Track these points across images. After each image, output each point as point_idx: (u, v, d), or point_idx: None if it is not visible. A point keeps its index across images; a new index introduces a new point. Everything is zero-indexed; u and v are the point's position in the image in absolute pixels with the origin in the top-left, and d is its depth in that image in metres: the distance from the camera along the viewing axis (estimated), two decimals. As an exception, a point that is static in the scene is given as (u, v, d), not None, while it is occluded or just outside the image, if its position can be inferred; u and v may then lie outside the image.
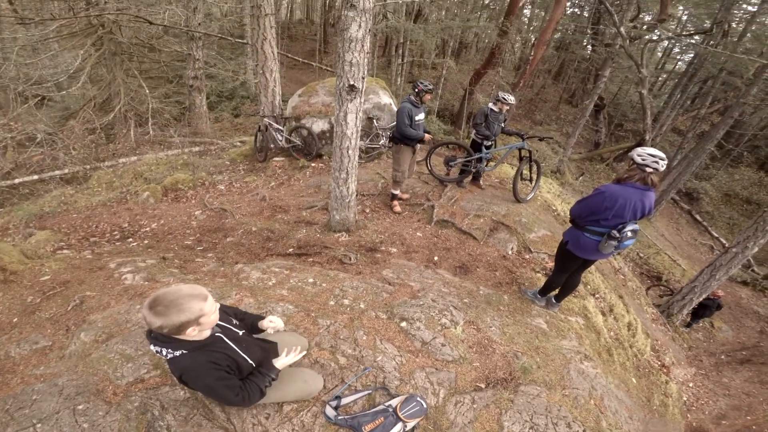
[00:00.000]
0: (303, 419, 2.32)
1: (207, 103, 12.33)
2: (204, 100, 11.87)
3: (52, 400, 2.24)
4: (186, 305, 1.58)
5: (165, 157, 8.79)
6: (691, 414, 5.98)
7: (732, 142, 17.48)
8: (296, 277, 3.73)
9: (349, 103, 3.91)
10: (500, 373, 2.96)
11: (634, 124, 22.09)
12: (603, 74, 13.08)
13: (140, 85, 10.24)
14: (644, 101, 11.42)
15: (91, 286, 3.49)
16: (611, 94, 23.53)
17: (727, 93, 15.88)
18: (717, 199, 20.02)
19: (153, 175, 7.62)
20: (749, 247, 6.62)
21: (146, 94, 9.99)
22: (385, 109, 7.65)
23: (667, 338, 7.19)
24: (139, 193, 6.64)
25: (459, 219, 5.34)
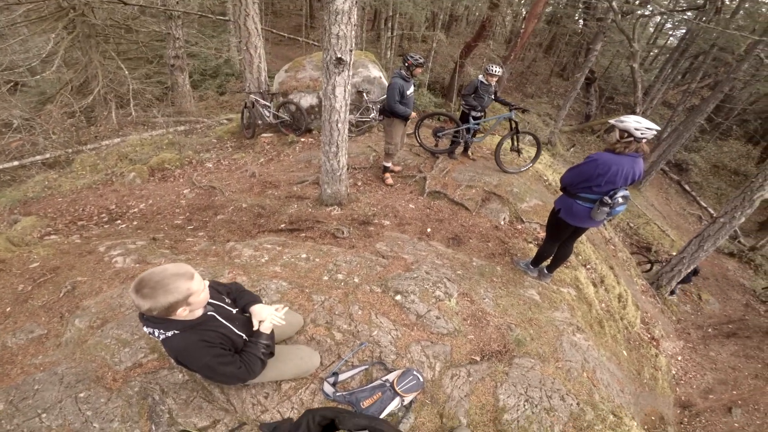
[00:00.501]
0: (302, 397, 2.33)
1: (190, 81, 12.02)
2: (187, 79, 11.54)
3: (54, 389, 2.23)
4: (172, 285, 1.54)
5: (149, 138, 8.59)
6: (679, 388, 6.19)
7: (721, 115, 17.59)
8: (289, 253, 3.70)
9: (337, 77, 3.84)
10: (495, 345, 2.99)
11: (625, 98, 22.06)
12: (594, 48, 12.92)
13: (119, 66, 9.89)
14: (635, 75, 11.46)
15: (81, 271, 3.43)
16: (602, 67, 23.45)
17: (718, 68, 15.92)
18: (706, 170, 20.35)
19: (138, 155, 7.44)
20: (736, 217, 6.73)
21: (126, 75, 9.67)
22: (375, 83, 7.57)
23: (656, 310, 7.33)
24: (125, 174, 6.49)
25: (451, 190, 5.32)
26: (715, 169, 20.68)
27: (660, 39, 26.14)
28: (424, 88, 13.04)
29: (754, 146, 22.61)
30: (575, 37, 22.12)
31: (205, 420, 2.17)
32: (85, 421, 2.09)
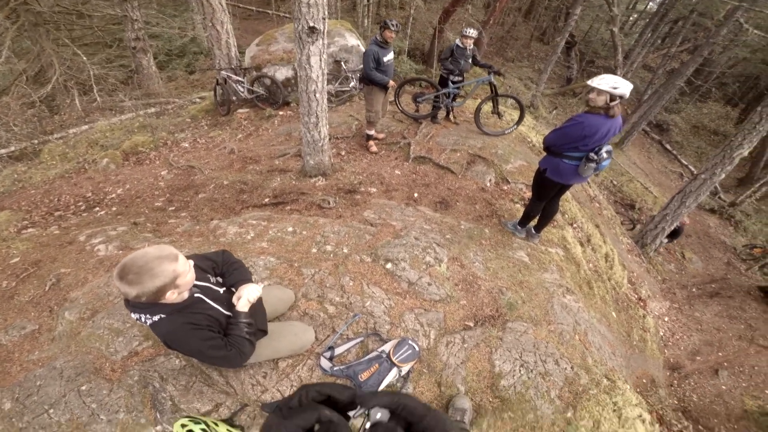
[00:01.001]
0: (300, 374, 2.32)
1: (156, 63, 11.54)
2: (152, 60, 11.05)
3: (56, 384, 2.21)
4: (158, 269, 1.48)
5: (119, 122, 8.32)
6: (668, 349, 6.34)
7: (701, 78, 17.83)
8: (275, 228, 3.63)
9: (311, 46, 3.72)
10: (487, 310, 3.00)
11: (606, 61, 22.04)
12: (574, 12, 12.72)
13: (75, 53, 9.36)
14: (615, 39, 11.47)
15: (64, 263, 3.34)
16: (582, 32, 23.32)
17: (697, 33, 15.94)
18: (686, 131, 20.80)
19: (109, 141, 7.22)
20: (717, 173, 6.86)
21: (84, 61, 9.16)
22: (353, 51, 7.42)
23: (642, 270, 7.49)
24: (98, 160, 6.26)
25: (436, 154, 5.28)
26: (695, 129, 21.14)
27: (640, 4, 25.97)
28: (404, 55, 12.74)
29: (732, 108, 23.21)
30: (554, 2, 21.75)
31: (207, 404, 2.16)
32: (91, 414, 2.09)
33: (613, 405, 2.65)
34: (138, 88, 10.99)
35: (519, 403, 2.42)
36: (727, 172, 6.86)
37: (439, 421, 0.53)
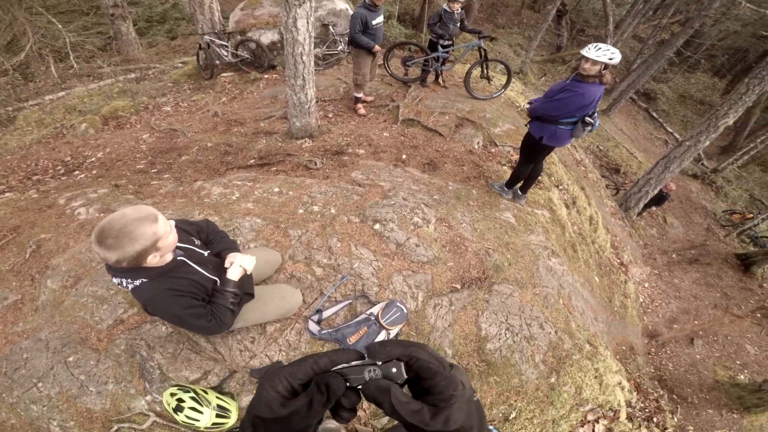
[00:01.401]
0: (288, 338, 2.31)
1: (135, 29, 11.06)
2: (131, 27, 10.59)
3: (42, 357, 2.17)
4: (137, 232, 1.39)
5: (97, 88, 8.06)
6: (647, 316, 6.51)
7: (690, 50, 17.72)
8: (261, 188, 3.57)
9: (298, 8, 3.67)
10: (474, 272, 3.00)
11: (596, 30, 21.71)
12: None
13: (50, 21, 8.86)
14: (607, 8, 11.36)
15: (44, 228, 3.25)
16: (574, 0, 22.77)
17: (690, 5, 15.70)
18: (673, 100, 20.86)
19: (87, 107, 7.02)
20: (701, 141, 6.98)
21: (60, 29, 8.70)
22: (341, 15, 7.29)
23: (625, 234, 7.61)
24: (76, 126, 6.07)
25: (425, 117, 5.23)
26: (681, 98, 21.23)
27: None
28: (394, 20, 12.38)
29: (720, 79, 23.28)
30: (548, -31, 21.16)
31: (196, 372, 2.15)
32: (80, 386, 2.08)
33: (594, 371, 2.71)
34: (117, 55, 10.55)
35: (504, 367, 2.46)
36: (712, 140, 6.97)
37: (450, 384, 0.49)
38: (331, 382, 0.48)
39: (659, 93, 20.29)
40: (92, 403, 2.05)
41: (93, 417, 2.03)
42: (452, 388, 0.49)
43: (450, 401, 0.48)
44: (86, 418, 2.03)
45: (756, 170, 16.57)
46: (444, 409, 0.48)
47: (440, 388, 0.49)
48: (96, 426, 2.01)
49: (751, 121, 16.19)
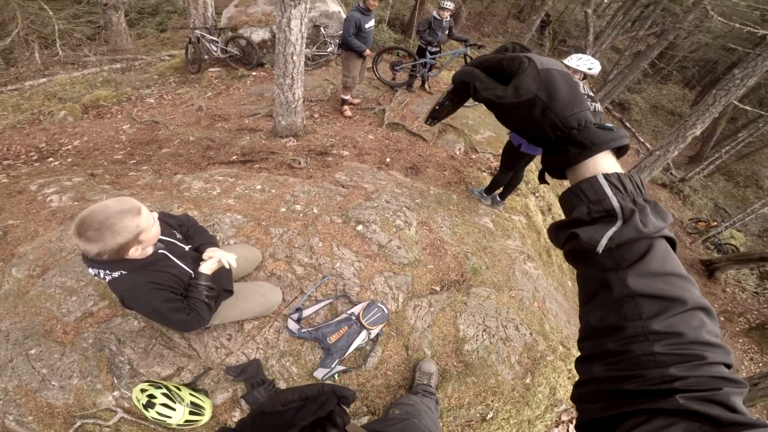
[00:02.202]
0: (266, 336, 2.28)
1: (126, 20, 10.92)
2: (122, 17, 10.48)
3: (1, 348, 2.08)
4: (119, 225, 1.35)
5: (81, 77, 7.90)
6: None
7: (664, 61, 18.51)
8: (243, 185, 3.53)
9: (293, 9, 3.71)
10: (453, 275, 3.03)
11: (577, 41, 22.36)
12: None
13: (41, 7, 8.67)
14: (588, 20, 11.72)
15: (12, 214, 3.14)
16: (558, 11, 23.53)
17: (666, 18, 16.30)
18: (645, 110, 21.66)
19: (68, 94, 6.86)
20: (670, 150, 7.21)
21: (50, 16, 8.51)
22: (334, 17, 7.36)
23: None
24: (55, 113, 5.92)
25: (409, 122, 5.30)
26: (654, 109, 22.08)
27: None
28: (384, 24, 12.51)
29: (690, 90, 24.26)
30: (535, -20, 21.78)
31: (169, 368, 2.09)
32: (42, 379, 2.00)
33: (567, 372, 2.74)
34: (105, 44, 10.38)
35: (482, 368, 2.48)
36: (680, 150, 7.22)
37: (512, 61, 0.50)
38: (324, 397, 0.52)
39: (633, 103, 21.09)
40: (54, 398, 1.97)
41: (54, 412, 1.96)
42: (515, 63, 0.50)
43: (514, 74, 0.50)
44: (46, 413, 1.95)
45: (720, 180, 17.28)
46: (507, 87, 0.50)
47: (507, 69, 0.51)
48: (57, 421, 1.94)
49: (717, 131, 16.88)
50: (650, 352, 0.44)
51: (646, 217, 0.47)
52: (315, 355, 2.26)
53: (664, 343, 0.44)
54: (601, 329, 0.49)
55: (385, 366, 2.32)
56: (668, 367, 0.43)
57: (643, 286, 0.46)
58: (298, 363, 2.22)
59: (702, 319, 0.45)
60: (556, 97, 0.49)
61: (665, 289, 0.46)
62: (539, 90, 0.48)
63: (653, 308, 0.45)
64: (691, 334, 0.44)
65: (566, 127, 0.50)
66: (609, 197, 0.48)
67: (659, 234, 0.48)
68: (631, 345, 0.46)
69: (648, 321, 0.45)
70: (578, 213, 0.50)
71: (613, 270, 0.48)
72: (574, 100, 0.50)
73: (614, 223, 0.47)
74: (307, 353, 2.26)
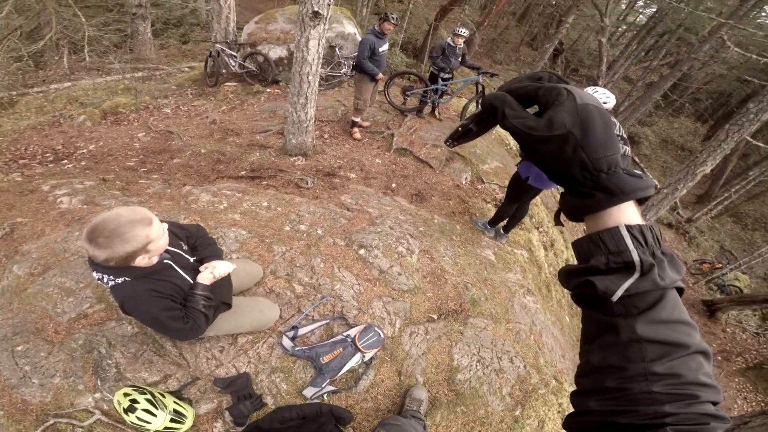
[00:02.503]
0: (259, 351, 2.28)
1: (152, 30, 11.29)
2: (149, 27, 10.88)
3: None
4: (130, 234, 1.40)
5: (104, 83, 8.14)
6: None
7: (677, 93, 18.36)
8: (249, 201, 3.59)
9: (312, 30, 3.77)
10: (451, 304, 3.03)
11: (589, 70, 22.50)
12: (566, 20, 12.94)
13: (75, 13, 9.04)
14: (602, 49, 11.63)
15: (22, 212, 3.20)
16: (571, 40, 23.67)
17: (680, 48, 16.28)
18: (655, 144, 21.37)
19: (90, 99, 7.08)
20: (679, 189, 7.11)
21: (82, 22, 8.86)
22: (349, 39, 7.49)
23: None
24: (75, 116, 6.09)
25: (417, 148, 5.35)
26: (664, 143, 21.78)
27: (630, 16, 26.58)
28: (397, 48, 12.77)
29: (702, 124, 23.94)
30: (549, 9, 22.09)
31: (156, 375, 2.10)
32: (23, 376, 1.99)
33: (558, 406, 2.72)
34: (129, 53, 10.74)
35: (472, 398, 2.46)
36: (689, 188, 7.11)
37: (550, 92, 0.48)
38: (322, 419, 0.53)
39: (643, 137, 20.81)
40: (31, 395, 1.96)
41: (27, 409, 1.94)
42: (553, 94, 0.48)
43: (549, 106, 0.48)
44: (19, 409, 1.93)
45: (728, 221, 16.87)
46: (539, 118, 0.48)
47: (542, 99, 0.49)
48: (29, 418, 1.92)
49: (728, 169, 16.53)
50: (648, 390, 0.46)
51: (664, 271, 0.48)
52: (306, 373, 2.26)
53: (662, 384, 0.46)
54: (601, 368, 0.51)
55: (375, 390, 2.32)
56: (663, 404, 0.45)
57: (651, 332, 0.47)
58: (288, 380, 2.22)
59: (700, 361, 0.48)
60: (591, 136, 0.47)
61: (671, 335, 0.47)
62: (574, 126, 0.47)
63: (657, 352, 0.47)
64: (690, 376, 0.46)
65: (596, 169, 0.48)
66: (630, 250, 0.48)
67: (673, 286, 0.49)
68: (630, 384, 0.47)
69: (650, 363, 0.47)
70: (596, 262, 0.50)
71: (622, 316, 0.49)
72: (608, 141, 0.48)
73: (632, 274, 0.48)
74: (298, 371, 2.26)
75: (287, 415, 1.98)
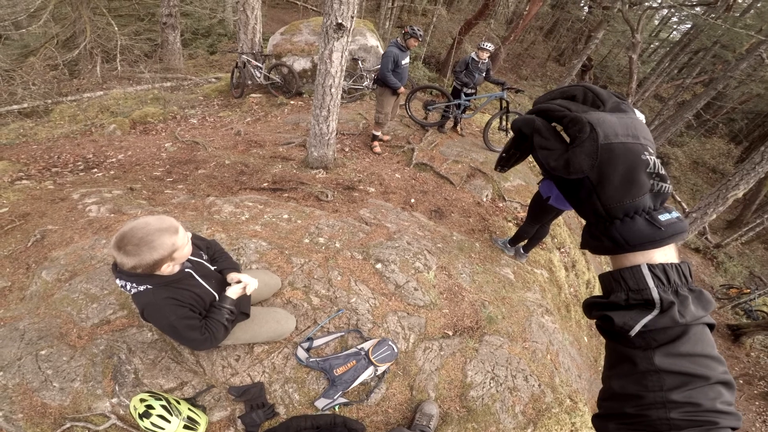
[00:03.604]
0: (274, 361, 2.30)
1: (181, 40, 11.65)
2: (178, 37, 11.20)
3: (14, 346, 2.15)
4: (157, 242, 1.44)
5: (134, 92, 8.39)
6: None
7: (710, 112, 17.71)
8: (270, 213, 3.63)
9: (336, 42, 3.80)
10: (467, 321, 3.00)
11: (619, 88, 22.06)
12: (596, 36, 12.74)
13: (108, 23, 9.48)
14: (632, 66, 11.35)
15: (53, 219, 3.32)
16: (600, 56, 23.33)
17: (716, 65, 15.82)
18: (685, 165, 20.64)
19: (120, 108, 7.29)
20: (708, 213, 6.83)
21: (115, 31, 9.27)
22: (372, 51, 7.53)
23: None
24: (105, 125, 6.31)
25: (438, 163, 5.32)
26: (694, 165, 21.02)
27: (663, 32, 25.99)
28: (419, 62, 12.81)
29: (736, 146, 22.98)
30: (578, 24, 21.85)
31: (172, 381, 2.13)
32: (44, 380, 2.03)
33: (571, 425, 2.67)
34: (159, 62, 11.11)
35: (484, 415, 2.43)
36: (719, 213, 6.82)
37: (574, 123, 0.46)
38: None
39: (672, 157, 20.21)
40: (51, 398, 2.00)
41: (46, 412, 1.98)
42: (575, 129, 0.45)
43: (572, 141, 0.46)
44: (38, 412, 1.97)
45: (759, 248, 16.16)
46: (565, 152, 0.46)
47: (567, 130, 0.46)
48: (47, 421, 1.95)
49: (762, 193, 15.85)
50: (666, 417, 0.47)
51: (685, 309, 0.47)
52: (319, 384, 2.27)
53: (680, 411, 0.46)
54: (622, 395, 0.51)
55: (387, 403, 2.31)
56: (681, 430, 0.46)
57: (669, 364, 0.47)
58: (301, 390, 2.23)
59: (720, 391, 0.47)
60: (607, 183, 0.45)
61: (690, 367, 0.47)
62: (591, 170, 0.45)
63: (675, 382, 0.47)
64: (708, 405, 0.46)
65: (610, 216, 0.47)
66: (650, 288, 0.47)
67: (698, 322, 0.48)
68: (648, 411, 0.48)
69: (668, 392, 0.47)
70: (615, 298, 0.50)
71: (641, 348, 0.49)
72: (629, 186, 0.45)
73: (651, 311, 0.48)
74: (311, 382, 2.27)
75: (302, 425, 2.02)
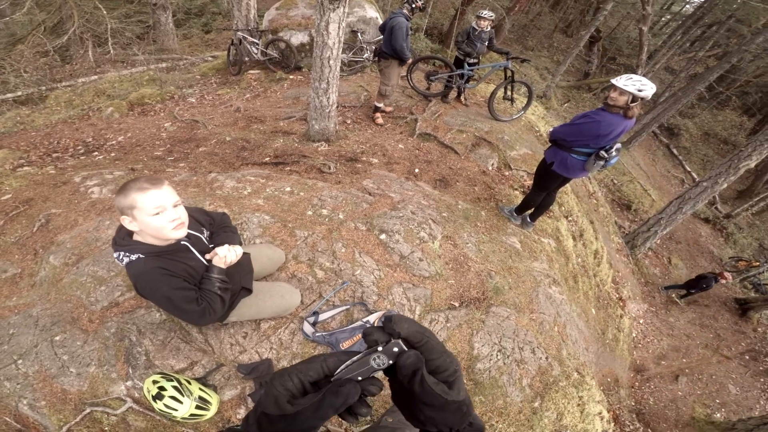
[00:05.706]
0: (281, 337, 2.30)
1: (174, 20, 11.43)
2: (170, 17, 10.96)
3: (29, 333, 2.16)
4: (126, 191, 1.45)
5: (129, 75, 8.27)
6: (636, 351, 6.44)
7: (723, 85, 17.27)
8: (273, 186, 3.59)
9: (332, 13, 3.71)
10: (474, 292, 2.98)
11: (628, 59, 21.46)
12: (605, 8, 12.25)
13: (96, 6, 9.22)
14: (642, 38, 11.08)
15: (56, 203, 3.31)
16: (609, 28, 22.62)
17: (730, 39, 15.37)
18: (696, 137, 20.34)
19: (116, 91, 7.20)
20: (719, 182, 6.77)
21: (103, 15, 9.04)
22: (371, 23, 7.34)
23: (627, 270, 7.49)
24: (103, 109, 6.24)
25: (442, 133, 5.23)
26: (705, 136, 20.71)
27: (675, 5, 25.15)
28: (421, 33, 12.47)
29: (749, 118, 22.49)
30: (585, -6, 21.15)
31: (183, 362, 2.13)
32: (61, 366, 2.05)
33: (578, 399, 2.67)
34: (152, 44, 10.90)
35: (491, 387, 2.43)
36: (730, 183, 6.78)
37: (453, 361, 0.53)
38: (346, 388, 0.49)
39: (683, 129, 19.88)
40: (69, 384, 2.02)
41: (67, 398, 2.00)
42: (455, 364, 0.53)
43: (456, 374, 0.53)
44: (59, 398, 1.99)
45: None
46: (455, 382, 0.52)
47: (446, 366, 0.52)
48: (68, 407, 1.98)
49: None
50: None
51: None
52: None
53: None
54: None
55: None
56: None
57: None
58: None
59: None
60: None
61: None
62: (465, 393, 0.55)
63: None
64: None
65: None
66: None
67: None
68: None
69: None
70: None
71: None
72: None
73: None
74: None
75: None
